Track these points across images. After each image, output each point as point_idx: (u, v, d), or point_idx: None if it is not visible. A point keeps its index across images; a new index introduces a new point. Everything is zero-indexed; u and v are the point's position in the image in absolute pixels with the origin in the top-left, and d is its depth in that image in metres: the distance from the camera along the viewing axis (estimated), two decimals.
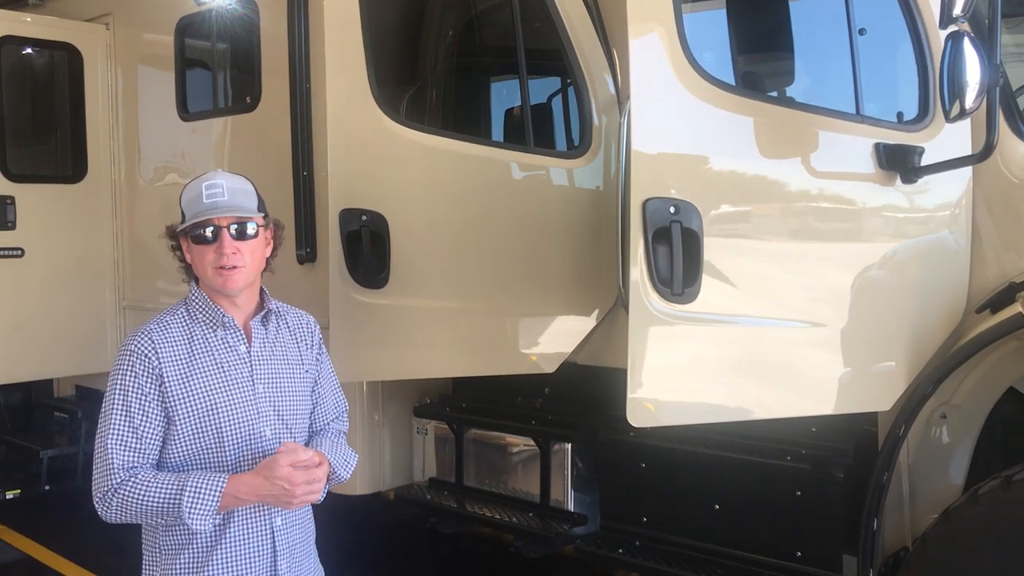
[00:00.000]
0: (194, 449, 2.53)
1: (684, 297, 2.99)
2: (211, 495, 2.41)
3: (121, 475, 2.45)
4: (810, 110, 3.15)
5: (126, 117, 6.34)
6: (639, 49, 2.96)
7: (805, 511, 3.69)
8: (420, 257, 3.97)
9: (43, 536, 6.14)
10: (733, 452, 3.87)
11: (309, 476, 2.46)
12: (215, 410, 2.53)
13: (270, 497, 2.45)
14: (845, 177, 3.26)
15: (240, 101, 5.57)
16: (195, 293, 2.64)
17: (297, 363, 2.73)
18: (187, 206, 2.59)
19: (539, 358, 4.18)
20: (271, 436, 2.59)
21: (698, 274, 3.01)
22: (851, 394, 3.30)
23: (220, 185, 2.57)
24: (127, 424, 2.47)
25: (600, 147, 4.16)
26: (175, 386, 2.51)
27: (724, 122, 3.07)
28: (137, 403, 2.48)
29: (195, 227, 2.55)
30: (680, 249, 2.95)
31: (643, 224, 2.93)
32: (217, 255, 2.54)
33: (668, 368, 3.07)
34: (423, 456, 5.29)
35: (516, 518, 4.62)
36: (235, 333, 2.62)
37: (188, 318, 2.61)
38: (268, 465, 2.44)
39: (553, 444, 4.60)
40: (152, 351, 2.51)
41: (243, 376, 2.59)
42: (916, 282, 3.33)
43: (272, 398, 2.63)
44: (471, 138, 4.20)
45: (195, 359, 2.55)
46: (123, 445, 2.46)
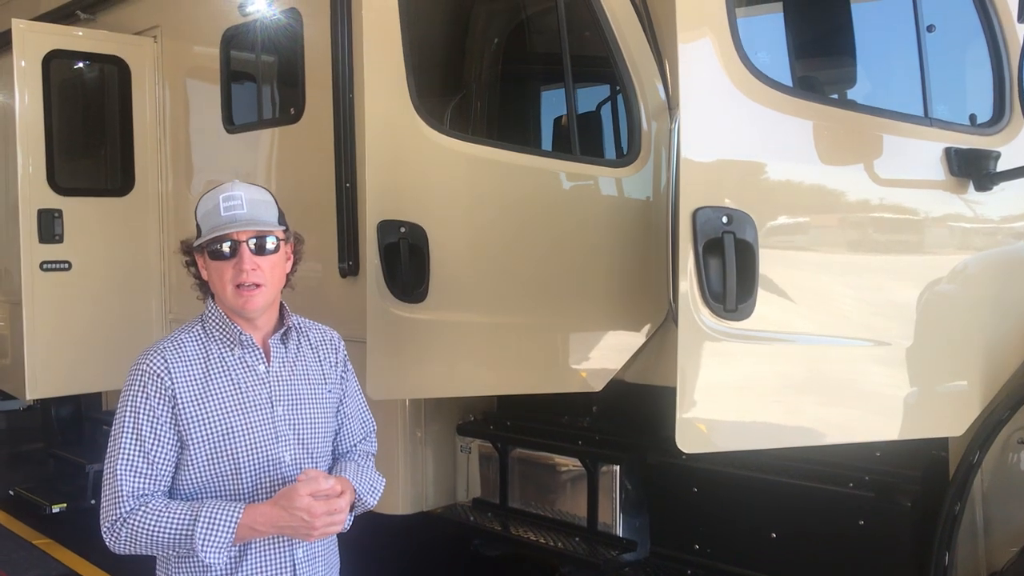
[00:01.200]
0: (209, 476, 2.38)
1: (738, 313, 2.79)
2: (226, 526, 2.25)
3: (130, 503, 2.30)
4: (875, 113, 2.94)
5: (173, 129, 6.33)
6: (689, 52, 2.78)
7: (869, 542, 3.46)
8: (461, 270, 3.82)
9: (88, 551, 6.09)
10: (791, 478, 3.65)
11: (330, 507, 2.30)
12: (231, 434, 2.37)
13: (288, 529, 2.30)
14: (912, 185, 3.04)
15: (284, 113, 5.51)
16: (211, 310, 2.49)
17: (320, 383, 2.57)
18: (203, 219, 2.44)
19: (586, 375, 4.00)
20: (291, 462, 2.43)
21: (753, 288, 2.81)
22: (919, 418, 3.07)
23: (239, 197, 2.42)
24: (137, 449, 2.33)
25: (650, 155, 3.99)
26: (189, 408, 2.36)
27: (781, 126, 2.88)
28: (148, 426, 2.33)
29: (212, 242, 2.40)
30: (733, 262, 2.76)
31: (693, 235, 2.75)
32: (236, 272, 2.39)
33: (720, 389, 2.87)
34: (467, 475, 5.14)
35: (562, 542, 4.44)
36: (253, 352, 2.47)
37: (204, 336, 2.46)
38: (287, 495, 2.28)
39: (601, 466, 4.41)
40: (165, 371, 2.36)
41: (261, 398, 2.43)
42: (989, 297, 3.09)
43: (292, 421, 2.46)
44: (514, 147, 4.04)
45: (211, 379, 2.40)
46: (133, 471, 2.32)
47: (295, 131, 5.32)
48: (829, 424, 3.01)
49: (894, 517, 3.39)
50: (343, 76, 4.84)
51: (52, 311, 5.95)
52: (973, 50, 3.09)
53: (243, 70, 5.81)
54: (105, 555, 5.79)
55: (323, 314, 5.16)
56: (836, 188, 3.00)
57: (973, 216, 3.10)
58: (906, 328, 3.03)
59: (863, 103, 3.01)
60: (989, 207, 3.09)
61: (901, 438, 3.19)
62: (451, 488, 5.16)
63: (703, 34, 2.77)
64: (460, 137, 3.85)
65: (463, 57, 4.84)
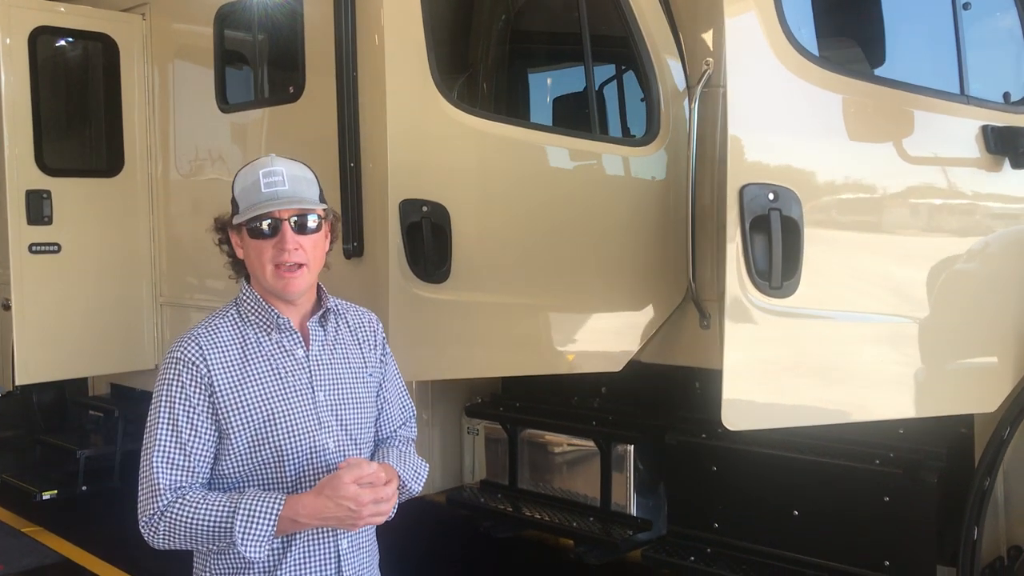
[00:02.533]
0: (251, 465, 2.29)
1: (783, 291, 2.79)
2: (267, 519, 2.16)
3: (168, 496, 2.21)
4: (914, 91, 2.95)
5: (163, 109, 6.18)
6: (735, 28, 2.76)
7: (894, 518, 3.49)
8: (483, 250, 3.79)
9: (81, 538, 6.00)
10: (815, 455, 3.67)
11: (377, 494, 2.19)
12: (273, 421, 2.28)
13: (333, 519, 2.20)
14: (948, 162, 3.07)
15: (282, 91, 5.40)
16: (246, 292, 2.39)
17: (360, 366, 2.48)
18: (242, 196, 2.33)
19: (606, 356, 3.99)
20: (334, 449, 2.34)
21: (798, 266, 2.81)
22: (954, 395, 3.10)
23: (280, 172, 2.32)
24: (174, 440, 2.23)
25: (668, 135, 3.98)
26: (228, 396, 2.27)
27: (824, 103, 2.88)
28: (185, 417, 2.24)
29: (253, 220, 2.29)
30: (780, 239, 2.76)
31: (740, 212, 2.74)
32: (277, 251, 2.29)
33: (766, 366, 2.88)
34: (473, 457, 5.12)
35: (576, 522, 4.43)
36: (292, 336, 2.37)
37: (239, 320, 2.36)
38: (331, 483, 2.19)
39: (615, 446, 4.42)
40: (200, 358, 2.27)
41: (302, 383, 2.34)
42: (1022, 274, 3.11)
43: (334, 407, 2.38)
44: (536, 125, 4.00)
45: (249, 366, 2.30)
46: (170, 463, 2.22)
47: (294, 110, 5.21)
48: (871, 401, 3.02)
49: (920, 493, 3.42)
50: (347, 54, 4.73)
51: (41, 294, 5.81)
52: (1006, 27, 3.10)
53: (238, 48, 5.70)
54: (99, 543, 5.75)
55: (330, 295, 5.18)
56: (874, 165, 3.01)
57: (1008, 194, 3.12)
58: (944, 306, 3.06)
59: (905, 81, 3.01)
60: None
61: (938, 414, 3.23)
62: (457, 470, 5.14)
63: (749, 8, 2.75)
64: (482, 115, 3.81)
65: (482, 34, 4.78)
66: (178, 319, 6.18)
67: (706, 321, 3.98)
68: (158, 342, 6.25)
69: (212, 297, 5.73)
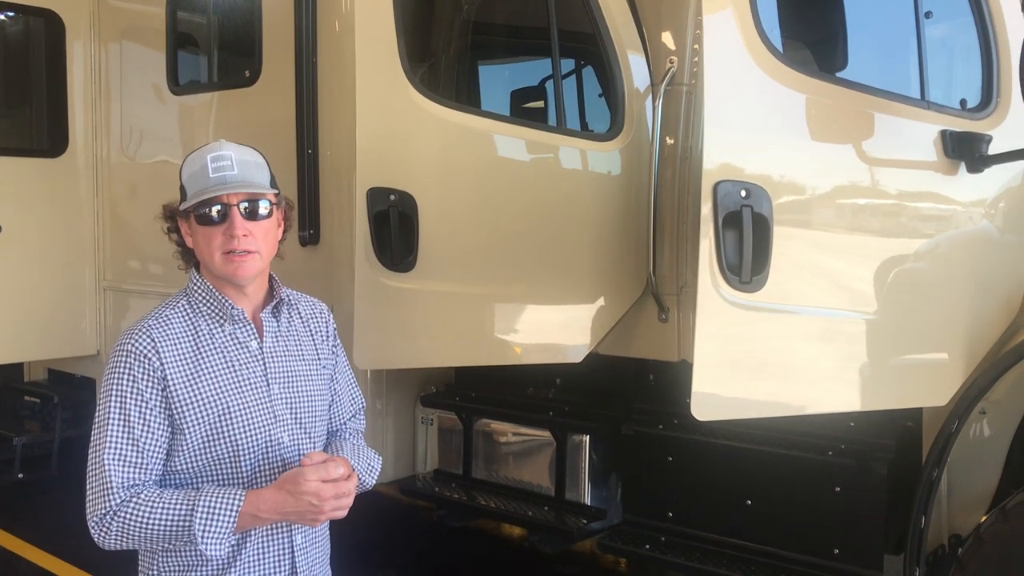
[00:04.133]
0: (206, 461, 2.24)
1: (752, 285, 2.87)
2: (227, 515, 2.12)
3: (121, 495, 2.14)
4: (882, 95, 3.05)
5: (110, 89, 6.05)
6: (712, 27, 2.82)
7: (844, 508, 3.61)
8: (449, 240, 3.80)
9: (17, 526, 5.85)
10: (769, 446, 3.77)
11: (339, 489, 2.19)
12: (229, 416, 2.24)
13: (294, 514, 2.18)
14: (907, 165, 3.18)
15: (238, 75, 5.33)
16: (197, 282, 2.34)
17: (313, 358, 2.46)
18: (189, 181, 2.27)
19: (566, 348, 4.04)
20: (289, 443, 2.32)
21: (767, 261, 2.89)
22: (909, 389, 3.23)
23: (228, 157, 2.27)
24: (126, 437, 2.17)
25: (632, 131, 4.04)
26: (181, 390, 2.21)
27: (796, 104, 2.96)
28: (137, 412, 2.18)
29: (200, 206, 2.24)
30: (751, 235, 2.84)
31: (714, 208, 2.80)
32: (226, 238, 2.24)
33: (734, 360, 2.95)
34: (426, 447, 5.13)
35: (531, 511, 4.48)
36: (245, 327, 2.33)
37: (191, 311, 2.31)
38: (292, 479, 2.17)
39: (571, 436, 4.47)
40: (153, 351, 2.20)
41: (257, 376, 2.30)
42: (975, 274, 3.26)
43: (289, 399, 2.35)
44: (504, 117, 4.03)
45: (202, 358, 2.25)
46: (122, 461, 2.16)
47: (250, 94, 5.15)
48: (832, 394, 3.13)
49: (871, 484, 3.55)
50: (306, 39, 4.72)
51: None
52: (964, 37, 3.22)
53: (191, 30, 5.61)
54: (36, 530, 5.62)
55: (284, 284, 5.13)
56: (838, 165, 3.11)
57: (963, 197, 3.25)
58: (901, 302, 3.17)
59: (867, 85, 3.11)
60: (977, 189, 3.25)
61: (895, 407, 3.35)
62: (410, 460, 5.14)
63: (726, 6, 2.81)
64: (452, 105, 3.81)
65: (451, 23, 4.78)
66: (122, 304, 6.07)
67: (664, 315, 4.06)
68: (100, 327, 6.12)
69: (157, 283, 5.63)
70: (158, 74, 5.56)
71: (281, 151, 4.86)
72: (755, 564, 3.81)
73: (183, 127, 5.63)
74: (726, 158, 2.85)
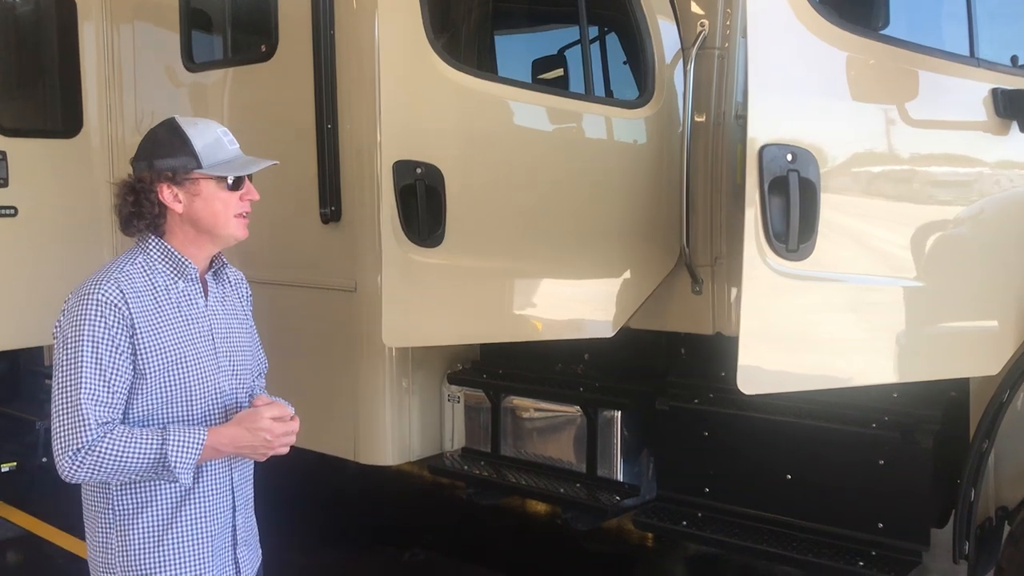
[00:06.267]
0: (160, 402, 2.41)
1: (799, 253, 2.76)
2: (194, 446, 2.34)
3: (95, 432, 2.28)
4: (932, 54, 2.92)
5: (123, 68, 5.95)
6: None
7: (889, 481, 3.52)
8: (477, 214, 3.70)
9: (43, 511, 5.83)
10: (810, 419, 3.67)
11: (287, 427, 2.46)
12: (184, 363, 2.43)
13: (247, 448, 2.44)
14: (956, 126, 3.06)
15: (254, 50, 5.23)
16: (155, 242, 2.47)
17: (244, 317, 2.71)
18: (207, 150, 2.45)
19: (599, 322, 3.95)
20: (229, 391, 2.55)
21: (813, 228, 2.79)
22: (960, 357, 3.12)
23: (229, 133, 2.54)
24: (100, 378, 2.31)
25: (663, 97, 3.92)
26: (146, 338, 2.37)
27: (842, 64, 2.84)
28: (109, 356, 2.32)
29: (234, 172, 2.49)
30: (797, 200, 2.73)
31: (759, 173, 2.70)
32: (243, 202, 2.52)
33: (782, 331, 2.85)
34: (452, 425, 5.06)
35: (563, 489, 4.41)
36: (195, 286, 2.52)
37: (147, 267, 2.44)
38: (250, 416, 2.43)
39: (602, 412, 4.39)
40: (122, 300, 2.34)
41: (204, 330, 2.51)
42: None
43: (229, 353, 2.57)
44: (531, 85, 3.92)
45: (161, 310, 2.42)
46: (95, 400, 2.29)
47: (266, 69, 5.06)
48: (881, 364, 3.02)
49: (917, 456, 3.45)
50: (324, 11, 4.62)
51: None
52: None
53: (204, 5, 5.50)
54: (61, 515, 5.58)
55: (303, 261, 5.05)
56: (884, 127, 2.99)
57: (1015, 158, 3.12)
58: (948, 269, 3.06)
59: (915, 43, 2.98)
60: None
61: (945, 377, 3.24)
62: (437, 438, 5.07)
63: None
64: (477, 75, 3.70)
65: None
66: None
67: (698, 287, 3.96)
68: None
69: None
70: (172, 52, 5.47)
71: (299, 126, 4.78)
72: (796, 539, 3.73)
73: (198, 104, 5.54)
74: (771, 121, 2.74)
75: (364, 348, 4.73)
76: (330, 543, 5.55)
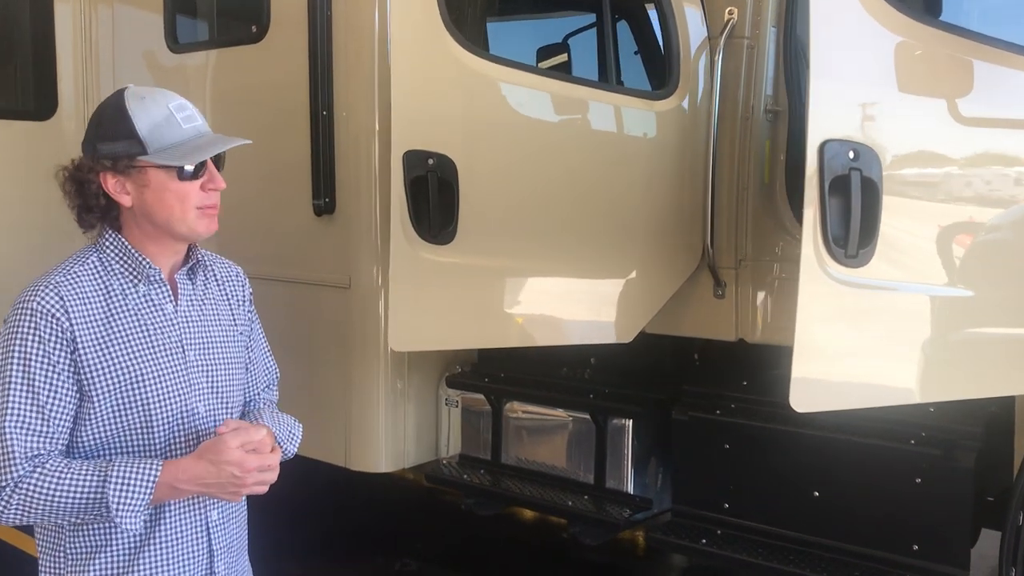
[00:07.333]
0: (115, 430, 2.06)
1: (858, 259, 2.55)
2: (144, 485, 1.96)
3: (24, 466, 1.94)
4: (1006, 47, 2.71)
5: (102, 47, 5.63)
6: None
7: (927, 500, 3.32)
8: (492, 210, 3.45)
9: None
10: (841, 434, 3.46)
11: (263, 461, 2.03)
12: (142, 383, 2.06)
13: (215, 486, 2.01)
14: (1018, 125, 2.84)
15: (244, 30, 4.94)
16: (111, 238, 2.13)
17: (229, 323, 2.29)
18: (154, 133, 2.06)
19: (617, 326, 3.73)
20: (205, 413, 2.16)
21: (874, 232, 2.57)
22: (1019, 374, 2.91)
23: (188, 106, 2.12)
24: (31, 402, 1.97)
25: (688, 89, 3.70)
26: (91, 354, 2.02)
27: (911, 57, 2.63)
28: (43, 376, 1.98)
29: (184, 159, 2.07)
30: (859, 201, 2.51)
31: (819, 171, 2.47)
32: (205, 193, 2.11)
33: (840, 343, 2.64)
34: (448, 430, 4.81)
35: (571, 501, 4.17)
36: (160, 289, 2.15)
37: (102, 268, 2.11)
38: (214, 447, 2.00)
39: (612, 420, 4.16)
40: (61, 309, 2.00)
41: (171, 341, 2.13)
42: None
43: (205, 367, 2.18)
44: (551, 73, 3.67)
45: (114, 320, 2.07)
46: (25, 428, 1.96)
47: (257, 51, 4.77)
48: (943, 379, 2.82)
49: (958, 475, 3.25)
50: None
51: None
52: None
53: None
54: None
55: (294, 256, 4.76)
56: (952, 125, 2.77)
57: None
58: (1011, 279, 2.86)
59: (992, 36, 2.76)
60: None
61: (1007, 394, 3.05)
62: (432, 444, 4.82)
63: None
64: (495, 60, 3.44)
65: None
66: None
67: (721, 290, 3.76)
68: None
69: None
70: (155, 31, 5.16)
71: (291, 112, 4.50)
72: (824, 560, 3.52)
73: (182, 88, 5.20)
74: (833, 115, 2.52)
75: (357, 348, 4.46)
76: (316, 551, 5.30)
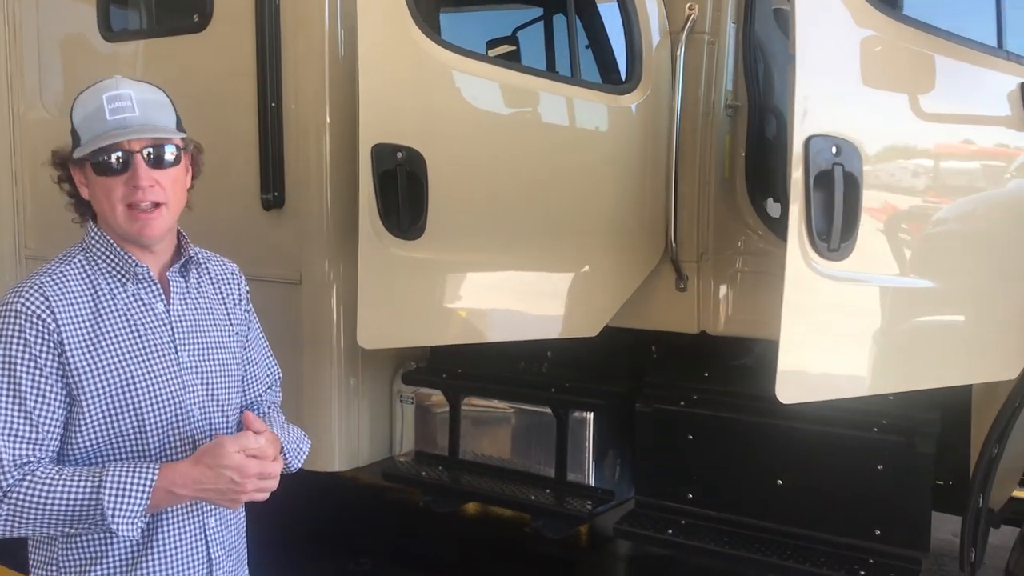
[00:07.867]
0: (107, 436, 2.00)
1: (840, 253, 2.60)
2: (140, 490, 1.90)
3: (13, 475, 1.89)
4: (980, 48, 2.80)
5: (27, 35, 5.39)
6: None
7: (888, 487, 3.41)
8: (459, 204, 3.42)
9: None
10: (804, 423, 3.52)
11: (263, 468, 1.98)
12: (133, 386, 2.01)
13: (213, 491, 1.96)
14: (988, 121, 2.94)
15: (185, 19, 4.77)
16: (95, 235, 2.08)
17: (225, 323, 2.24)
18: (83, 125, 2.03)
19: (583, 320, 3.73)
20: (200, 416, 2.11)
21: (855, 226, 2.63)
22: (985, 361, 3.02)
23: (128, 96, 2.02)
24: (18, 409, 1.92)
25: (650, 84, 3.72)
26: (80, 357, 1.97)
27: (885, 53, 2.69)
28: (30, 381, 1.93)
29: (98, 153, 2.00)
30: (842, 196, 2.56)
31: (805, 166, 2.51)
32: (129, 189, 2.01)
33: (824, 335, 2.69)
34: (402, 427, 4.74)
35: (533, 495, 4.17)
36: (150, 287, 2.10)
37: (88, 268, 2.06)
38: (212, 451, 1.95)
39: (573, 413, 4.16)
40: (48, 312, 1.95)
41: (164, 342, 2.08)
42: None
43: (200, 368, 2.13)
44: (519, 66, 3.65)
45: (103, 321, 2.01)
46: (13, 435, 1.90)
47: (200, 41, 4.62)
48: (917, 369, 2.90)
49: (918, 461, 3.35)
50: None
51: None
52: None
53: None
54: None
55: (242, 252, 4.58)
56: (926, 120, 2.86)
57: None
58: (978, 271, 2.96)
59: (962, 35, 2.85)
60: None
61: (974, 382, 3.15)
62: (386, 442, 4.75)
63: None
64: (463, 53, 3.40)
65: None
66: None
67: (683, 283, 3.79)
68: None
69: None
70: (86, 18, 4.96)
71: (237, 105, 4.37)
72: (788, 547, 3.59)
73: None
74: (818, 111, 2.56)
75: (309, 345, 4.37)
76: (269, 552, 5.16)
